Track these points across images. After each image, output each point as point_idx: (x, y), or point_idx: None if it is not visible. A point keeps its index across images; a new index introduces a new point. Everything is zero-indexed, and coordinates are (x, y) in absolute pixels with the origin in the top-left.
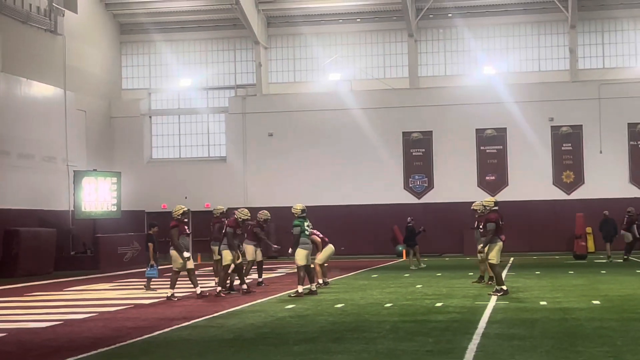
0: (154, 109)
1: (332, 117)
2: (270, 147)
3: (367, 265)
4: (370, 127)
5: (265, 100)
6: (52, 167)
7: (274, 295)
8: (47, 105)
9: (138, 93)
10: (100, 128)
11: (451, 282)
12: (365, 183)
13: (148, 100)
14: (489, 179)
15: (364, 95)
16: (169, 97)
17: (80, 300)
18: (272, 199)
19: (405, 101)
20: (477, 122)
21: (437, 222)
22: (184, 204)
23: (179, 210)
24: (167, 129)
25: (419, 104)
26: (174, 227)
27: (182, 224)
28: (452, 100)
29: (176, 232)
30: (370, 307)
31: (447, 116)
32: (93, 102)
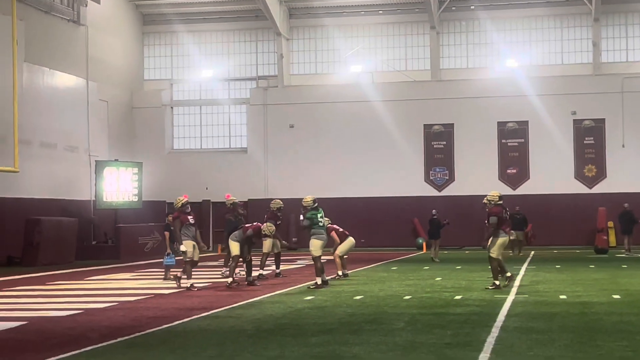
0: (176, 99)
1: (353, 109)
2: (291, 139)
3: (387, 257)
4: (392, 120)
5: (286, 91)
6: (74, 157)
7: (293, 287)
8: (70, 95)
9: (160, 84)
10: (122, 118)
11: (471, 275)
12: (385, 175)
13: (170, 91)
14: (510, 172)
15: (385, 87)
16: (190, 88)
17: (100, 289)
18: (293, 190)
19: (426, 93)
20: (499, 115)
21: (458, 215)
22: (205, 195)
23: (179, 202)
24: (188, 120)
25: (440, 96)
26: (176, 219)
27: (184, 214)
28: (474, 93)
29: (178, 223)
30: (389, 299)
31: (468, 109)
32: (115, 92)
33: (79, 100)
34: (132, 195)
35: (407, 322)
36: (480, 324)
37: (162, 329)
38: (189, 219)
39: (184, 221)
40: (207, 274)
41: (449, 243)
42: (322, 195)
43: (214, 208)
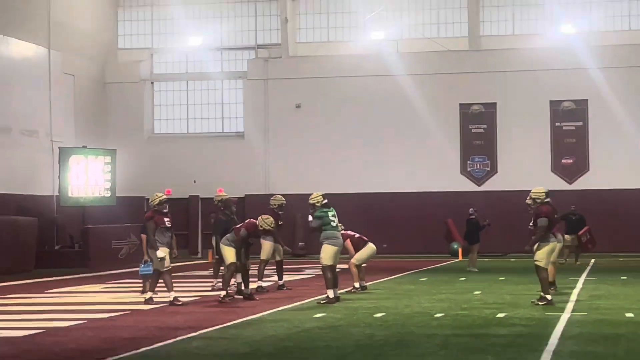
0: (157, 73)
1: (374, 85)
2: (297, 121)
3: (414, 266)
4: (420, 98)
5: (292, 63)
6: (33, 143)
7: (299, 302)
8: (27, 67)
9: (138, 54)
10: (91, 96)
11: (517, 289)
12: (413, 166)
13: (150, 63)
14: (565, 162)
15: (412, 58)
16: (174, 59)
17: (65, 304)
18: (299, 185)
19: (463, 66)
20: (552, 93)
21: (501, 214)
22: (193, 190)
23: (157, 199)
24: (172, 98)
25: (480, 69)
26: (150, 219)
27: (160, 215)
28: (521, 66)
29: (152, 225)
30: (417, 318)
31: (514, 85)
32: (83, 64)
33: (39, 74)
34: (103, 190)
35: (439, 346)
36: (528, 347)
37: (140, 352)
38: (165, 221)
39: (158, 223)
40: (194, 286)
41: (490, 249)
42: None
43: (203, 206)
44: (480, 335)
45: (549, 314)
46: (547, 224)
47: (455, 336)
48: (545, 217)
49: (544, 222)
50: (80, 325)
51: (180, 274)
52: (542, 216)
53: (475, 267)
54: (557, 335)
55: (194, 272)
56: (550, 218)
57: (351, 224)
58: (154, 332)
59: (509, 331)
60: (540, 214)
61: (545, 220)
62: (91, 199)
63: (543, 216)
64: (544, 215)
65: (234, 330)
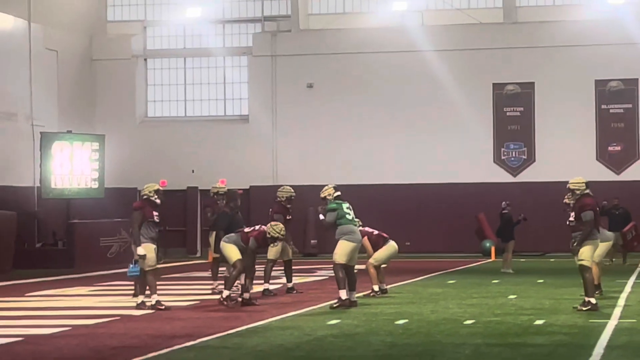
0: (151, 48)
1: (395, 62)
2: (308, 103)
3: (441, 267)
4: (448, 77)
5: (303, 38)
6: (11, 128)
7: (311, 307)
8: (5, 42)
9: (129, 27)
10: (77, 75)
11: (557, 292)
12: (439, 154)
13: (142, 37)
14: (612, 149)
15: (440, 32)
16: (170, 33)
17: (47, 309)
18: (311, 174)
19: (497, 41)
20: (598, 71)
21: (539, 208)
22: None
23: (151, 188)
24: (168, 77)
25: (516, 44)
26: (138, 210)
27: (150, 206)
28: (562, 41)
29: (139, 216)
30: (444, 325)
31: (555, 62)
32: (68, 39)
33: (18, 50)
34: (90, 180)
35: (469, 356)
36: (569, 359)
37: None
38: (154, 215)
39: (147, 216)
40: (193, 289)
41: (527, 248)
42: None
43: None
44: (515, 345)
45: (593, 321)
46: (592, 218)
47: (487, 346)
48: (590, 210)
49: (589, 216)
50: (64, 333)
51: (177, 276)
52: (586, 209)
53: (510, 268)
54: (603, 344)
55: (192, 273)
56: (595, 211)
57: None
58: (146, 341)
59: (548, 340)
60: (584, 207)
61: (590, 214)
62: (77, 191)
63: (588, 209)
64: (588, 208)
65: (238, 339)
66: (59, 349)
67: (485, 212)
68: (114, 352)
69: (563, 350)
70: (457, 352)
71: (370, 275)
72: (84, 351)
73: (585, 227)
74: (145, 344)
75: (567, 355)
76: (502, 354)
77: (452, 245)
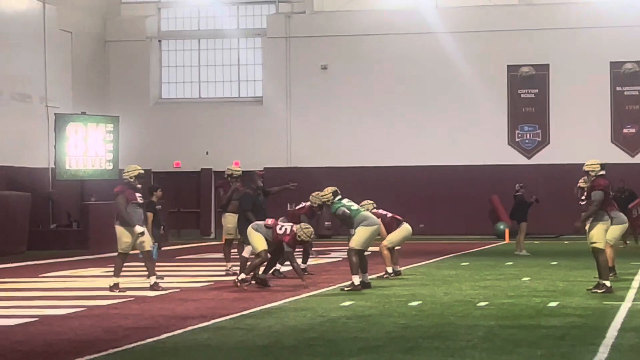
0: (165, 30)
1: (409, 44)
2: (323, 85)
3: (455, 249)
4: (463, 59)
5: (317, 19)
6: (26, 109)
7: (325, 288)
8: (19, 24)
9: (143, 8)
10: (91, 56)
11: (570, 274)
12: (453, 136)
13: (157, 18)
14: (627, 132)
15: (454, 13)
16: (185, 15)
17: (61, 290)
18: (325, 157)
19: (511, 22)
20: (613, 53)
21: (554, 190)
22: (205, 163)
23: (133, 171)
24: (182, 59)
25: (531, 26)
26: (121, 194)
27: (132, 189)
28: (577, 22)
29: (123, 199)
30: (458, 307)
31: (570, 44)
32: (82, 20)
33: (33, 32)
34: (104, 162)
35: (482, 338)
36: (583, 340)
37: (146, 344)
38: (136, 196)
39: (130, 199)
40: (207, 271)
41: (541, 230)
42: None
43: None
44: (528, 327)
45: (607, 303)
46: (601, 198)
47: (501, 327)
48: (601, 190)
49: (598, 196)
50: (78, 314)
51: (191, 257)
52: (597, 189)
53: (524, 250)
54: (617, 327)
55: (206, 254)
56: (606, 192)
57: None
58: (160, 321)
59: (562, 322)
60: (594, 187)
61: (600, 194)
62: (91, 172)
63: (599, 189)
64: (599, 188)
65: (251, 320)
66: (73, 330)
67: (499, 194)
68: (127, 333)
69: (576, 332)
70: (470, 333)
71: (384, 257)
72: (98, 332)
73: (592, 206)
74: (159, 324)
75: (581, 337)
76: (515, 336)
77: (465, 227)
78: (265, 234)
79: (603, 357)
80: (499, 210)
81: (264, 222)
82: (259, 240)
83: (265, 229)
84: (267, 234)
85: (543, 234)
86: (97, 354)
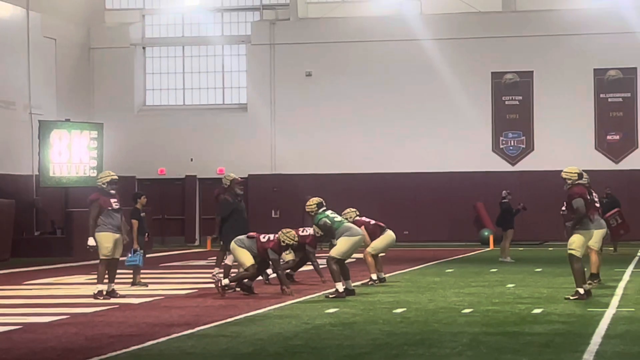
0: (149, 37)
1: (394, 51)
2: (307, 92)
3: (440, 256)
4: (447, 66)
5: (301, 26)
6: (9, 116)
7: (310, 295)
8: (3, 30)
9: (127, 15)
10: (75, 63)
11: (555, 281)
12: (438, 143)
13: (141, 25)
14: (611, 139)
15: (438, 20)
16: (169, 22)
17: (45, 297)
18: (309, 164)
19: (496, 30)
20: (597, 60)
21: (538, 197)
22: (190, 169)
23: (105, 177)
24: (166, 66)
25: (515, 33)
26: (95, 202)
27: (107, 196)
28: (561, 29)
29: (95, 208)
30: (442, 314)
31: (554, 51)
32: (66, 27)
33: (16, 38)
34: (89, 169)
35: (467, 345)
36: (566, 347)
37: (130, 352)
38: (112, 202)
39: (104, 206)
40: (191, 278)
41: (526, 236)
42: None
43: (201, 187)
44: (513, 334)
45: (592, 310)
46: (583, 204)
47: (485, 334)
48: (579, 197)
49: (579, 203)
50: (62, 321)
51: (176, 264)
52: (575, 197)
53: (508, 257)
54: (601, 333)
55: (191, 261)
56: (585, 199)
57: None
58: (145, 329)
59: (546, 329)
60: (573, 196)
61: (580, 201)
62: (75, 179)
63: (576, 197)
64: (577, 196)
65: (236, 328)
66: (57, 337)
67: (483, 201)
68: (111, 341)
69: (561, 339)
70: (455, 340)
71: (368, 264)
72: (82, 340)
73: (577, 215)
74: (144, 332)
75: (565, 344)
76: (500, 343)
77: (450, 234)
78: (250, 246)
79: None
80: (484, 217)
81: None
82: (245, 256)
83: (248, 240)
84: (252, 246)
85: (527, 240)
86: None
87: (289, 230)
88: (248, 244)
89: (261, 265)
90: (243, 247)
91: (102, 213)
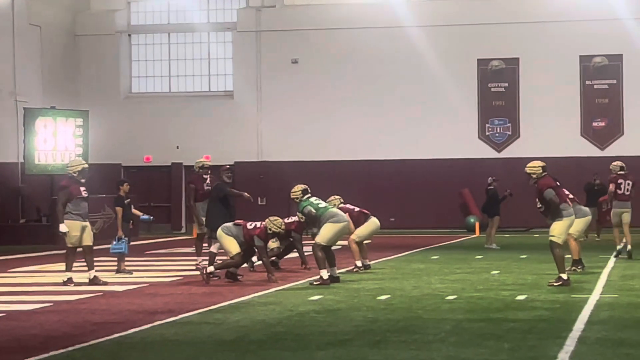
0: (135, 24)
1: (380, 38)
2: (293, 79)
3: (425, 243)
4: (433, 53)
5: (288, 13)
6: None
7: (294, 282)
8: None
9: (113, 2)
10: (60, 50)
11: (539, 268)
12: (424, 130)
13: (127, 12)
14: (596, 125)
15: (424, 7)
16: (154, 9)
17: (29, 285)
18: (295, 151)
19: (482, 16)
20: (583, 47)
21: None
22: (176, 157)
23: (77, 166)
24: (152, 53)
25: (501, 20)
26: (64, 189)
27: (77, 184)
28: (547, 16)
29: (65, 194)
30: (426, 300)
31: (540, 38)
32: (51, 14)
33: (1, 25)
34: (74, 156)
35: (450, 332)
36: (549, 333)
37: (113, 339)
38: (81, 191)
39: (74, 194)
40: (176, 265)
41: (511, 223)
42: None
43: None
44: (496, 320)
45: (575, 296)
46: (554, 194)
47: (468, 321)
48: (547, 188)
49: (551, 194)
50: (45, 309)
51: (161, 252)
52: (544, 189)
53: (494, 244)
54: (584, 320)
55: (176, 249)
56: (554, 188)
57: (352, 196)
58: (128, 317)
59: (529, 315)
60: (542, 189)
61: (551, 192)
62: (60, 167)
63: (545, 189)
64: (545, 187)
65: (219, 315)
66: (40, 325)
67: (469, 188)
68: (95, 328)
69: (544, 325)
70: (438, 327)
71: (353, 251)
72: (65, 327)
73: (552, 205)
74: (127, 319)
75: (548, 330)
76: (483, 329)
77: (436, 221)
78: (236, 234)
79: (570, 349)
80: (470, 204)
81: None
82: (231, 244)
83: (235, 227)
84: (238, 233)
85: (513, 227)
86: (64, 349)
87: (276, 218)
88: (235, 231)
89: (247, 252)
90: (230, 235)
91: (70, 201)
